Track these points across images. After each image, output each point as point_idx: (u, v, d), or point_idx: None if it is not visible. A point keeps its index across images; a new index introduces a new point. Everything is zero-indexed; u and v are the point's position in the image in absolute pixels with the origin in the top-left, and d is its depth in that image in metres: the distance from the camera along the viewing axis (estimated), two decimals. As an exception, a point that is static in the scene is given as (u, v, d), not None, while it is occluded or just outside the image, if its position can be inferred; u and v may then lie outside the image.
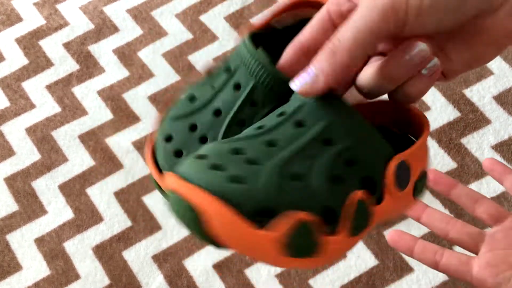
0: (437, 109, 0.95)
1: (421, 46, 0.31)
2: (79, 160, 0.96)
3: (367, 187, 0.30)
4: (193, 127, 0.34)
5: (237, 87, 0.33)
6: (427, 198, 0.88)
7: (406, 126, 0.38)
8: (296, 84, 0.30)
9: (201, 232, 0.27)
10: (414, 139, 0.37)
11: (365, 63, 0.34)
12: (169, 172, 0.27)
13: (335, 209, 0.28)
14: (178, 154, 0.33)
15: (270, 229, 0.26)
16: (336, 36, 0.30)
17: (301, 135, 0.29)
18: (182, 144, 0.33)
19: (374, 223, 0.31)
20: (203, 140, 0.33)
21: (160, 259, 0.88)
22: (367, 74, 0.32)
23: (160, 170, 0.34)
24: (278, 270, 0.85)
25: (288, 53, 0.34)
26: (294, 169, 0.27)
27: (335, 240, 0.28)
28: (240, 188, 0.26)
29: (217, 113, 0.33)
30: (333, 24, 0.33)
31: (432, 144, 0.92)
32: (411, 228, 0.88)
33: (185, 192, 0.26)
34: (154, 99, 1.01)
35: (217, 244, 0.27)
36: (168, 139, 0.34)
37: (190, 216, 0.26)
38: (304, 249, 0.27)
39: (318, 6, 0.36)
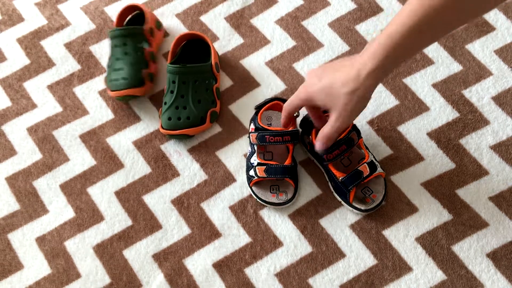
0: (436, 109, 0.95)
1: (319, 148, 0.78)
2: (80, 159, 0.96)
3: None
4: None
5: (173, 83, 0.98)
6: (427, 198, 0.88)
7: None
8: (317, 148, 0.79)
9: None
10: None
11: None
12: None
13: None
14: (169, 119, 0.95)
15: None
16: (325, 135, 0.77)
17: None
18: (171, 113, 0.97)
19: None
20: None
21: (161, 258, 0.88)
22: (322, 135, 0.77)
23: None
24: (278, 269, 0.86)
25: (284, 118, 0.84)
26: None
27: None
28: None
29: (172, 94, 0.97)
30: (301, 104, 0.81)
31: (431, 145, 0.92)
32: (410, 228, 0.88)
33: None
34: (154, 99, 1.01)
35: None
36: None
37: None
38: None
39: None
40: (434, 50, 1.00)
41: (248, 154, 0.91)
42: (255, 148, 0.89)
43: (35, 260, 0.89)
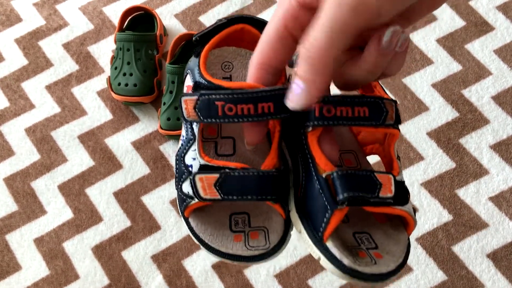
0: (436, 109, 0.95)
1: (395, 28, 0.31)
2: (78, 160, 0.96)
3: None
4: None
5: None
6: (427, 198, 0.88)
7: None
8: (292, 103, 0.32)
9: None
10: None
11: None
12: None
13: None
14: (168, 119, 0.92)
15: None
16: (308, 40, 0.30)
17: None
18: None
19: None
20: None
21: (159, 259, 0.88)
22: (352, 74, 0.33)
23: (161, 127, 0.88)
24: (278, 270, 0.85)
25: (253, 73, 0.35)
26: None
27: None
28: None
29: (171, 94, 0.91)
30: (291, 35, 0.33)
31: (431, 144, 0.92)
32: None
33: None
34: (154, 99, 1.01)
35: None
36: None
37: None
38: None
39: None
40: (433, 50, 1.00)
41: (180, 145, 0.41)
42: (195, 131, 0.40)
43: (33, 261, 0.89)
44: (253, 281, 0.85)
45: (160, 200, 0.92)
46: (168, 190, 0.92)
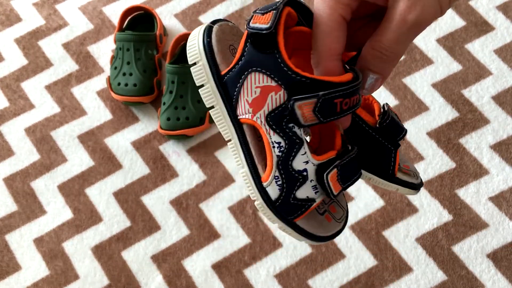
0: (436, 109, 0.95)
1: (375, 76, 0.37)
2: (78, 160, 0.96)
3: None
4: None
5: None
6: (427, 198, 0.88)
7: None
8: (367, 91, 0.38)
9: None
10: None
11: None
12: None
13: None
14: (168, 119, 0.94)
15: None
16: (382, 45, 0.35)
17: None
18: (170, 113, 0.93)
19: None
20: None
21: (159, 259, 0.88)
22: None
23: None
24: (278, 270, 0.85)
25: (333, 65, 0.36)
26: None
27: None
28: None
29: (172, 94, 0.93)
30: (345, 22, 0.36)
31: (430, 144, 0.92)
32: (410, 228, 0.88)
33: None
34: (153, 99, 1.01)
35: None
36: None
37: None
38: None
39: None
40: (433, 50, 1.00)
41: (278, 153, 0.39)
42: (299, 134, 0.38)
43: (33, 262, 0.89)
44: (253, 281, 0.85)
45: (160, 200, 0.91)
46: (168, 190, 0.92)
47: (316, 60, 0.36)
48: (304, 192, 0.38)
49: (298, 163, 0.38)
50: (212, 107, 0.40)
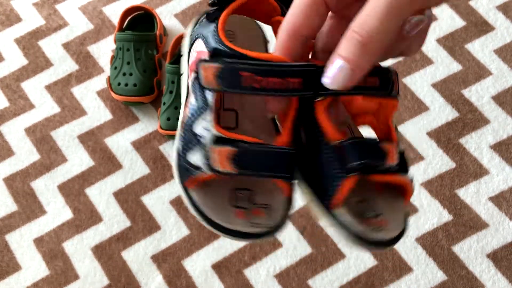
0: (436, 109, 0.95)
1: (419, 18, 0.30)
2: (78, 160, 0.96)
3: None
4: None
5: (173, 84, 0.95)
6: (427, 198, 0.88)
7: None
8: (330, 82, 0.31)
9: None
10: None
11: None
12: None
13: None
14: (168, 119, 0.94)
15: None
16: (361, 26, 0.29)
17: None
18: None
19: None
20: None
21: (159, 259, 0.88)
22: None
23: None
24: (278, 270, 0.85)
25: (283, 41, 0.33)
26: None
27: None
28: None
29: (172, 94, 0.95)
30: (324, 3, 0.32)
31: (430, 144, 0.92)
32: (410, 228, 0.88)
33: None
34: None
35: None
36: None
37: None
38: None
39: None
40: (433, 50, 1.00)
41: (187, 112, 0.38)
42: (209, 99, 0.36)
43: (33, 262, 0.89)
44: (253, 281, 0.85)
45: (160, 200, 0.91)
46: (168, 190, 0.92)
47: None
48: (194, 157, 0.36)
49: (198, 127, 0.36)
50: (182, 74, 0.42)
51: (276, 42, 0.34)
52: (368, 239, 0.35)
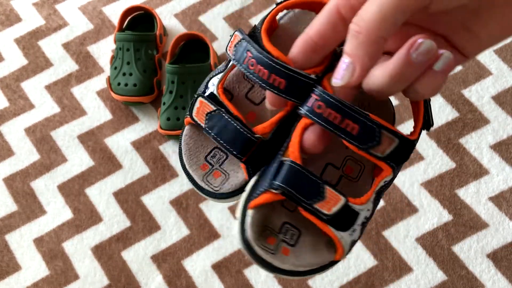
0: (436, 109, 0.95)
1: (427, 44, 0.29)
2: (78, 160, 0.96)
3: None
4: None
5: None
6: (427, 198, 0.88)
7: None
8: (337, 81, 0.31)
9: None
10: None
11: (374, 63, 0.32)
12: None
13: None
14: (168, 119, 0.94)
15: None
16: (359, 16, 0.29)
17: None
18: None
19: None
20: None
21: (159, 259, 0.88)
22: (375, 75, 0.31)
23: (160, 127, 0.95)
24: (277, 270, 0.85)
25: (298, 48, 0.34)
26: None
27: None
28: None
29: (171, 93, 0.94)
30: (342, 18, 0.32)
31: (430, 144, 0.92)
32: (410, 229, 0.88)
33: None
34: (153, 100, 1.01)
35: None
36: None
37: None
38: None
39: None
40: (433, 50, 1.00)
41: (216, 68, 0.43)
42: (228, 65, 0.42)
43: (33, 262, 0.89)
44: (253, 281, 0.85)
45: (160, 200, 0.91)
46: (168, 190, 0.92)
47: None
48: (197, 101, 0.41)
49: (213, 82, 0.41)
50: None
51: (294, 43, 0.35)
52: (254, 251, 0.35)
